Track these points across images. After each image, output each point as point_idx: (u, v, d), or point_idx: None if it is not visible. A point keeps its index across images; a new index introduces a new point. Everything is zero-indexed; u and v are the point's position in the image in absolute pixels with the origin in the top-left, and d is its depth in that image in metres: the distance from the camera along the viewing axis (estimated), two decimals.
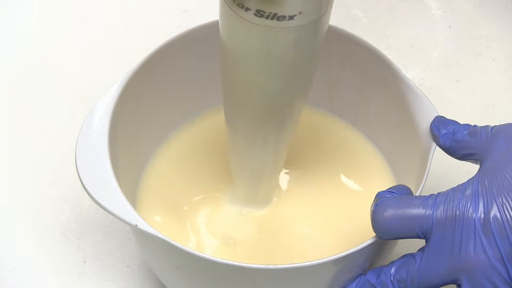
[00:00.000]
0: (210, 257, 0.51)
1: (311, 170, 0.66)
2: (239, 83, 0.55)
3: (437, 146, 0.57)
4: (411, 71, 0.77)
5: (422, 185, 0.55)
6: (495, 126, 0.54)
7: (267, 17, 0.49)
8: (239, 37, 0.51)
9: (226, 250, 0.62)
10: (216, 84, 0.64)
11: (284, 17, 0.49)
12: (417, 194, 0.55)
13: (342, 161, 0.67)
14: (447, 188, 0.52)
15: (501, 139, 0.52)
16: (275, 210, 0.64)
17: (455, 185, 0.52)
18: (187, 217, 0.64)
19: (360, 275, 0.55)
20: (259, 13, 0.49)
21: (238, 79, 0.55)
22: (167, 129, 0.68)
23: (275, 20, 0.49)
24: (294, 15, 0.49)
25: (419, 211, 0.51)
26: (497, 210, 0.49)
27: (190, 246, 0.61)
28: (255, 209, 0.64)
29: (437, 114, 0.58)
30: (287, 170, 0.66)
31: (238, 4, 0.49)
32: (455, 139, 0.55)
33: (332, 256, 0.51)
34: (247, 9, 0.49)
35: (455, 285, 0.51)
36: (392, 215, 0.51)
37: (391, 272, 0.52)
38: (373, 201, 0.53)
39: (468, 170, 0.62)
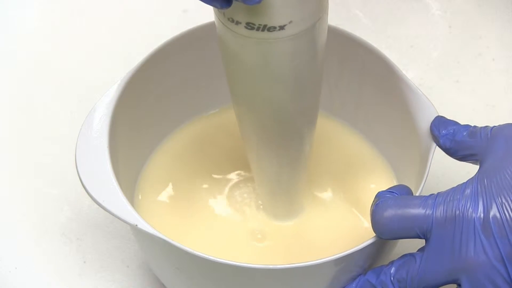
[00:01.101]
0: (210, 257, 0.51)
1: (309, 171, 0.66)
2: (244, 95, 0.55)
3: (437, 146, 0.57)
4: (411, 71, 0.77)
5: (422, 185, 0.55)
6: (495, 126, 0.54)
7: (257, 29, 0.49)
8: (236, 51, 0.51)
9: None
10: (215, 84, 0.64)
11: (275, 27, 0.49)
12: (417, 194, 0.55)
13: (342, 161, 0.67)
14: (447, 188, 0.52)
15: (500, 139, 0.52)
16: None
17: (455, 185, 0.52)
18: (188, 217, 0.64)
19: (360, 275, 0.55)
20: (249, 26, 0.49)
21: (243, 91, 0.54)
22: (167, 128, 0.68)
23: (266, 31, 0.49)
24: (285, 25, 0.49)
25: (419, 211, 0.51)
26: (496, 210, 0.49)
27: (188, 244, 0.61)
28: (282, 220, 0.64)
29: (437, 114, 0.58)
30: None
31: (228, 19, 0.49)
32: (455, 140, 0.55)
33: (332, 256, 0.51)
34: (237, 23, 0.49)
35: (455, 285, 0.51)
36: (392, 215, 0.51)
37: (391, 272, 0.52)
38: (373, 201, 0.53)
39: (467, 170, 0.62)
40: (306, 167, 0.61)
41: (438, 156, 0.57)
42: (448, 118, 0.57)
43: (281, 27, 0.49)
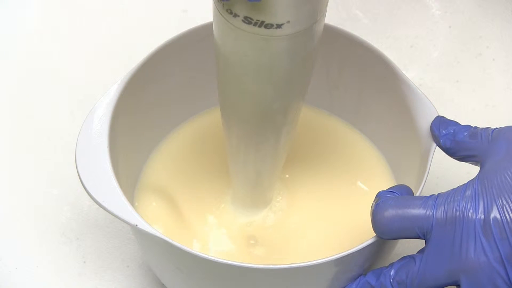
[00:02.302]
0: (210, 257, 0.51)
1: (310, 170, 0.66)
2: (232, 90, 0.55)
3: (437, 146, 0.57)
4: (411, 71, 0.77)
5: (422, 185, 0.55)
6: (496, 128, 0.54)
7: (254, 24, 0.49)
8: (229, 44, 0.51)
9: (226, 251, 0.62)
10: (215, 84, 0.64)
11: (272, 25, 0.49)
12: (417, 194, 0.55)
13: (342, 161, 0.67)
14: (447, 188, 0.52)
15: (501, 141, 0.52)
16: (274, 211, 0.64)
17: (455, 186, 0.52)
18: (188, 216, 0.64)
19: (360, 275, 0.55)
20: (247, 20, 0.49)
21: (231, 85, 0.55)
22: (167, 128, 0.68)
23: (262, 27, 0.49)
24: (282, 24, 0.49)
25: (419, 211, 0.51)
26: (497, 211, 0.49)
27: (188, 244, 0.61)
28: (255, 211, 0.64)
29: (437, 114, 0.58)
30: (286, 170, 0.66)
31: (227, 10, 0.49)
32: (455, 140, 0.55)
33: (332, 256, 0.51)
34: (235, 15, 0.49)
35: (455, 287, 0.51)
36: (393, 215, 0.51)
37: (391, 274, 0.52)
38: (374, 201, 0.53)
39: (467, 170, 0.62)
40: (281, 162, 0.61)
41: (438, 156, 0.57)
42: (448, 118, 0.57)
43: (278, 26, 0.49)
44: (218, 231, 0.63)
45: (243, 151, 0.59)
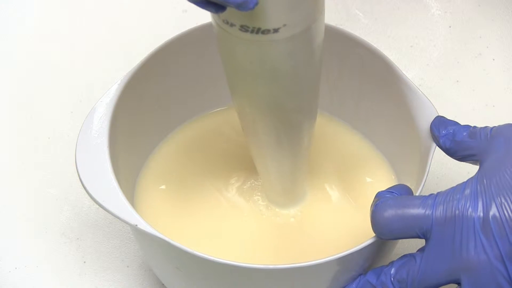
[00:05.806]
0: (210, 257, 0.51)
1: (310, 171, 0.66)
2: (242, 93, 0.55)
3: (437, 146, 0.57)
4: (411, 71, 0.77)
5: (422, 185, 0.55)
6: (494, 127, 0.54)
7: (251, 32, 0.49)
8: (231, 51, 0.52)
9: (231, 250, 0.62)
10: (216, 84, 0.64)
11: (269, 30, 0.49)
12: (417, 194, 0.55)
13: (342, 162, 0.67)
14: (447, 188, 0.52)
15: (500, 139, 0.52)
16: (272, 211, 0.65)
17: (455, 185, 0.52)
18: (188, 216, 0.64)
19: (360, 275, 0.55)
20: (243, 28, 0.49)
21: (240, 89, 0.55)
22: (167, 128, 0.68)
23: (260, 34, 0.49)
24: (279, 28, 0.49)
25: (418, 211, 0.51)
26: (496, 209, 0.49)
27: (188, 244, 0.61)
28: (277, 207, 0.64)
29: (437, 114, 0.58)
30: None
31: (223, 21, 0.50)
32: (455, 140, 0.55)
33: (331, 256, 0.52)
34: (232, 25, 0.49)
35: (456, 285, 0.51)
36: (392, 215, 0.51)
37: (391, 272, 0.52)
38: (373, 201, 0.53)
39: (468, 170, 0.62)
40: (307, 157, 0.61)
41: (438, 156, 0.57)
42: (448, 118, 0.57)
43: (275, 30, 0.49)
44: (218, 230, 0.63)
45: (265, 149, 0.59)
